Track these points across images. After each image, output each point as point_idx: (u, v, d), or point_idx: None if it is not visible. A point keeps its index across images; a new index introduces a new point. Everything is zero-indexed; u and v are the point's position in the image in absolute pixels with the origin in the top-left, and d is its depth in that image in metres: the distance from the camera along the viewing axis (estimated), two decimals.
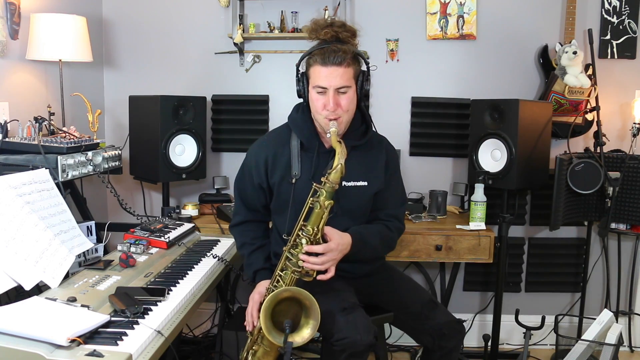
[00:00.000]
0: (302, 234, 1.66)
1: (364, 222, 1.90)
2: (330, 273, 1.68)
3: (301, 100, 1.86)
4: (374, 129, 1.93)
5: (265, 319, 1.56)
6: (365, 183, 1.84)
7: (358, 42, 1.78)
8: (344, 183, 1.77)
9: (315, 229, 1.65)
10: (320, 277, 1.67)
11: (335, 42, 1.70)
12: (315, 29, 1.72)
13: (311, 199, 1.66)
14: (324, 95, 1.70)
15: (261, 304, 1.67)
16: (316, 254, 1.66)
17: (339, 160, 1.62)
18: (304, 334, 1.58)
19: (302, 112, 1.85)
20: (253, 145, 1.92)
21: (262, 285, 1.79)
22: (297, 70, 1.80)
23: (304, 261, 1.65)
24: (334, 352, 1.64)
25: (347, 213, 1.82)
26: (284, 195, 1.82)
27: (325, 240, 1.68)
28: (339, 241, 1.69)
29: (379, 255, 1.97)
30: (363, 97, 1.80)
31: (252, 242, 1.92)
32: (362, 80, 1.75)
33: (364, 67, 1.77)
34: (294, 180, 1.79)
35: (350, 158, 1.74)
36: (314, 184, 1.66)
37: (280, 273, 1.71)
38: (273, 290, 1.68)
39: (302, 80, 1.78)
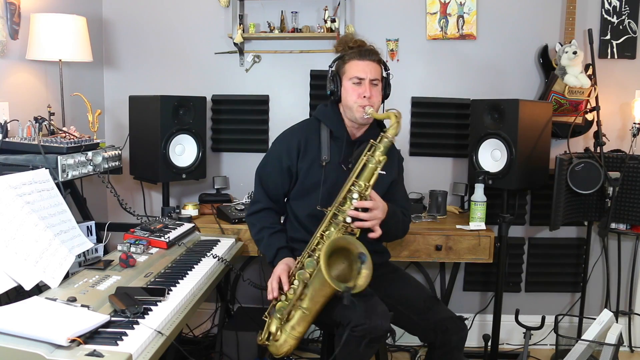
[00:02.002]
0: (354, 189, 1.80)
1: None
2: (378, 232, 1.84)
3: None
4: None
5: (325, 263, 1.62)
6: (384, 172, 1.97)
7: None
8: None
9: (367, 184, 1.80)
10: (371, 235, 1.83)
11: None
12: (345, 41, 1.99)
13: (367, 153, 1.83)
14: (360, 85, 1.91)
15: (291, 272, 1.80)
16: (364, 211, 1.80)
17: (396, 119, 1.81)
18: (360, 281, 1.67)
19: (332, 106, 2.04)
20: (280, 135, 2.08)
21: (288, 260, 1.88)
22: (330, 71, 2.00)
23: (352, 217, 1.78)
24: (353, 340, 1.66)
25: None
26: (313, 177, 1.95)
27: None
28: (382, 201, 1.86)
29: (398, 232, 2.07)
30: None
31: (272, 226, 2.01)
32: (385, 83, 2.00)
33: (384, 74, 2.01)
34: (324, 163, 1.96)
35: None
36: (371, 140, 1.84)
37: (323, 234, 1.81)
38: (310, 255, 1.78)
39: (335, 78, 1.97)
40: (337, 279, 1.68)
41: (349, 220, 1.79)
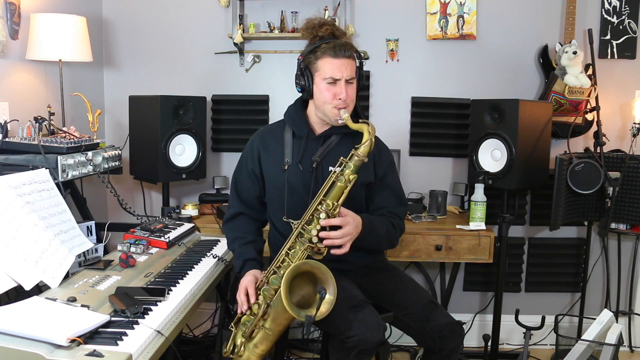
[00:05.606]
0: (320, 208, 1.68)
1: (362, 211, 1.90)
2: (345, 248, 1.71)
3: (296, 97, 1.95)
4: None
5: (286, 291, 1.54)
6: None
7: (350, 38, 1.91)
8: (330, 168, 1.81)
9: (335, 204, 1.68)
10: (334, 251, 1.70)
11: (333, 39, 1.80)
12: (313, 27, 1.82)
13: (337, 172, 1.70)
14: (335, 85, 1.79)
15: (257, 284, 1.72)
16: (334, 228, 1.68)
17: (370, 135, 1.68)
18: (322, 308, 1.58)
19: (295, 105, 1.96)
20: (252, 136, 2.02)
21: (255, 272, 1.80)
22: (299, 65, 1.86)
23: (321, 237, 1.67)
24: (344, 349, 1.65)
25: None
26: (276, 181, 1.88)
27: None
28: (354, 216, 1.73)
29: (381, 247, 2.00)
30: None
31: (244, 235, 1.93)
32: (360, 74, 1.86)
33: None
34: (286, 167, 1.87)
35: (340, 144, 1.86)
36: (341, 158, 1.71)
37: (288, 251, 1.72)
38: (275, 272, 1.70)
39: (305, 73, 1.84)
40: (301, 301, 1.63)
41: (315, 240, 1.68)
